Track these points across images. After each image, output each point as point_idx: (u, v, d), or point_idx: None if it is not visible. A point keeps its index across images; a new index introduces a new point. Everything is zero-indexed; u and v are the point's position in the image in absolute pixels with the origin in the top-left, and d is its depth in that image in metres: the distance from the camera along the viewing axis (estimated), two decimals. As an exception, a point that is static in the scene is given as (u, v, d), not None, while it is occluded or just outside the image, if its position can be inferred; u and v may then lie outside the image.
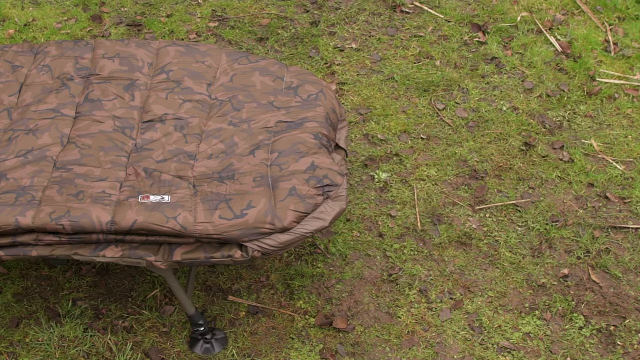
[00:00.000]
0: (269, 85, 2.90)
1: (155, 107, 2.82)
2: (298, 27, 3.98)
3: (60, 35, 3.91)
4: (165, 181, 2.57)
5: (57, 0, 4.13)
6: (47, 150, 2.68)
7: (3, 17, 4.02)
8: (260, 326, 2.77)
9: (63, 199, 2.48)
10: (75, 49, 3.03)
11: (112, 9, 4.09)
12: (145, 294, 2.86)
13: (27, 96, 2.88)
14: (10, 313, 2.79)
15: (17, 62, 3.00)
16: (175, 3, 4.13)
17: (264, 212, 2.43)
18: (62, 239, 2.44)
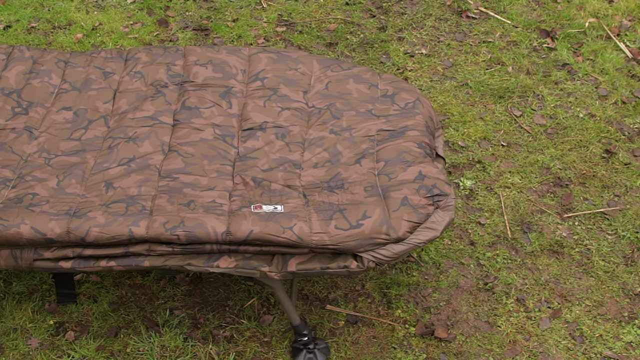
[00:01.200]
0: (365, 93, 2.89)
1: (254, 115, 2.80)
2: (366, 32, 3.96)
3: (128, 40, 3.88)
4: (275, 191, 2.55)
5: (122, 4, 4.10)
6: (149, 158, 2.66)
7: (69, 21, 3.98)
8: (361, 336, 2.75)
9: (175, 209, 2.46)
10: (165, 56, 3.01)
11: (177, 13, 4.07)
12: (242, 303, 2.84)
13: (122, 103, 2.86)
14: (108, 322, 2.77)
15: (108, 69, 2.98)
16: (240, 7, 4.10)
17: (379, 223, 2.41)
18: (175, 250, 2.42)
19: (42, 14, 4.02)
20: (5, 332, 2.73)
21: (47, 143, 2.73)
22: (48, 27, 3.96)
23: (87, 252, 2.43)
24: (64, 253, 2.44)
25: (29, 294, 2.85)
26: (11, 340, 2.70)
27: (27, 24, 3.96)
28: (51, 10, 4.05)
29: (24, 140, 2.73)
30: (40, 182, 2.58)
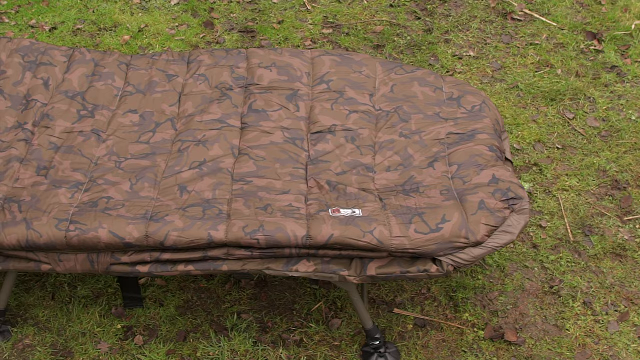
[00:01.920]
0: (430, 96, 2.88)
1: (322, 117, 2.79)
2: (412, 34, 3.95)
3: (175, 42, 3.86)
4: (351, 194, 2.54)
5: (165, 6, 4.08)
6: (220, 161, 2.65)
7: (114, 23, 3.96)
8: (430, 339, 2.74)
9: (252, 213, 2.45)
10: (228, 58, 2.99)
11: (221, 15, 4.05)
12: (308, 307, 2.83)
13: (188, 106, 2.85)
14: (176, 326, 2.75)
15: (171, 71, 2.96)
16: (284, 9, 4.09)
17: (459, 226, 2.41)
18: (253, 254, 2.41)
19: (87, 16, 4.00)
20: (73, 336, 2.71)
21: (116, 146, 2.71)
22: (94, 28, 3.94)
23: (164, 256, 2.42)
24: (142, 257, 2.43)
25: (94, 298, 2.83)
26: (80, 344, 2.69)
27: (73, 26, 3.94)
28: (95, 11, 4.03)
29: (92, 143, 2.72)
30: (113, 185, 2.56)
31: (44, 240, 2.39)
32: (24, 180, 2.59)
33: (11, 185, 2.57)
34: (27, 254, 2.44)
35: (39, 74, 2.92)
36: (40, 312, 2.78)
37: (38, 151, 2.69)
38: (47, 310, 2.79)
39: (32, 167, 2.63)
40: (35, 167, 2.64)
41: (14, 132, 2.75)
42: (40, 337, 2.71)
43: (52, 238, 2.38)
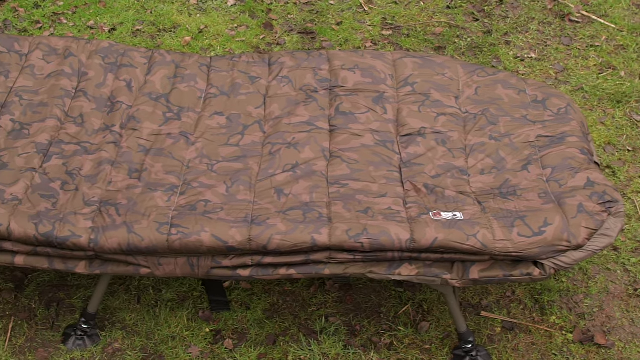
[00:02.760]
0: (515, 99, 2.87)
1: (411, 120, 2.78)
2: (472, 36, 3.95)
3: (236, 43, 3.85)
4: (450, 197, 2.53)
5: (223, 7, 4.06)
6: (313, 164, 2.64)
7: (173, 24, 3.95)
8: (520, 342, 2.74)
9: (353, 216, 2.44)
10: (310, 60, 2.98)
11: (279, 16, 4.04)
12: (395, 310, 2.82)
13: (274, 108, 2.83)
14: (264, 330, 2.74)
15: (253, 73, 2.95)
16: (342, 10, 4.08)
17: (561, 230, 2.40)
18: (356, 257, 2.40)
19: (145, 17, 3.98)
20: (163, 340, 2.69)
21: (206, 149, 2.70)
22: (153, 30, 3.92)
23: (266, 259, 2.41)
24: (243, 261, 2.42)
25: (180, 302, 2.82)
26: (170, 348, 2.67)
27: (132, 27, 3.92)
28: (154, 12, 4.01)
29: (181, 146, 2.70)
30: (209, 188, 2.55)
31: (146, 244, 2.37)
32: (117, 183, 2.57)
33: (105, 189, 2.55)
34: (127, 258, 2.42)
35: (121, 75, 2.91)
36: (127, 316, 2.76)
37: (128, 154, 2.67)
38: (133, 313, 2.77)
39: (123, 170, 2.62)
40: (127, 169, 2.62)
41: (102, 134, 2.73)
42: (130, 341, 2.69)
43: (154, 242, 2.37)
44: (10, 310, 2.76)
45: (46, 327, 2.72)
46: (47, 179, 2.56)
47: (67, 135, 2.71)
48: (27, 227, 2.38)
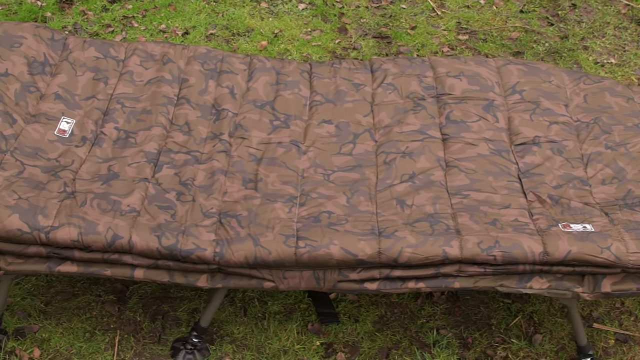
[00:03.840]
0: (625, 107, 2.82)
1: (524, 129, 2.72)
2: (550, 41, 3.90)
3: (312, 48, 3.78)
4: (576, 209, 2.48)
5: (294, 11, 4.00)
6: (430, 174, 2.58)
7: (247, 28, 3.88)
8: (636, 355, 2.69)
9: (482, 228, 2.38)
10: (413, 67, 2.93)
11: (352, 20, 3.98)
12: (506, 322, 2.77)
13: (383, 116, 2.78)
14: (376, 343, 2.68)
15: (357, 80, 2.89)
16: (414, 15, 4.03)
17: (694, 242, 2.35)
18: (486, 270, 2.34)
19: (217, 21, 3.91)
20: (274, 354, 2.63)
21: (318, 158, 2.64)
22: (227, 34, 3.85)
23: (395, 273, 2.35)
24: (371, 274, 2.36)
25: (287, 314, 2.75)
26: (283, 362, 2.61)
27: (205, 31, 3.85)
28: (225, 16, 3.94)
29: (293, 155, 2.64)
30: (329, 199, 2.49)
31: (273, 257, 2.31)
32: (233, 194, 2.51)
33: (221, 199, 2.48)
34: (251, 272, 2.36)
35: (223, 82, 2.84)
36: (235, 329, 2.70)
37: (240, 163, 2.61)
38: (241, 326, 2.71)
39: (237, 180, 2.55)
40: (241, 179, 2.56)
41: (210, 143, 2.66)
42: (241, 355, 2.62)
43: (281, 255, 2.31)
44: (114, 324, 2.69)
45: (153, 340, 2.65)
46: (161, 190, 2.50)
47: (175, 144, 2.65)
48: (149, 240, 2.31)
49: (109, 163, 2.58)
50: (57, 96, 2.74)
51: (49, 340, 2.63)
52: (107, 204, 2.41)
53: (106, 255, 2.34)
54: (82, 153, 2.60)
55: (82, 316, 2.71)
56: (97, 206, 2.39)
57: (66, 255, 2.35)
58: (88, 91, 2.78)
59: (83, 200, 2.40)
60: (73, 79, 2.80)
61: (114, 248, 2.31)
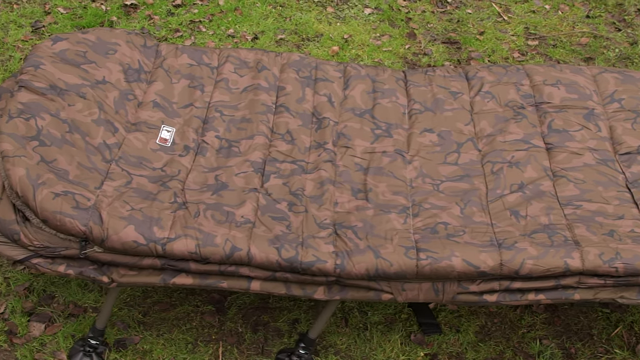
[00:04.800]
0: None
1: (627, 138, 2.71)
2: (619, 46, 3.89)
3: (383, 53, 3.76)
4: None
5: (360, 15, 3.98)
6: (539, 184, 2.56)
7: (316, 33, 3.85)
8: None
9: (600, 239, 2.36)
10: (509, 75, 2.91)
11: (419, 25, 3.95)
12: (607, 332, 2.75)
13: (484, 125, 2.75)
14: (480, 354, 2.66)
15: (454, 88, 2.87)
16: (481, 20, 4.01)
17: None
18: (607, 282, 2.32)
19: (286, 25, 3.88)
20: (380, 365, 2.61)
21: (424, 167, 2.62)
22: (296, 39, 3.82)
23: (515, 284, 2.32)
24: (491, 286, 2.34)
25: (388, 324, 2.73)
26: (391, 374, 2.59)
27: (274, 35, 3.82)
28: (292, 21, 3.91)
29: (399, 164, 2.61)
30: (443, 209, 2.46)
31: (395, 269, 2.28)
32: (344, 204, 2.48)
33: (333, 210, 2.46)
34: (369, 284, 2.33)
35: (320, 90, 2.82)
36: (337, 340, 2.67)
37: (347, 173, 2.58)
38: (344, 337, 2.68)
39: (347, 190, 2.53)
40: (350, 189, 2.53)
41: (315, 152, 2.63)
42: (346, 367, 2.60)
43: (402, 267, 2.28)
44: (216, 335, 2.66)
45: (256, 352, 2.63)
46: (272, 200, 2.47)
47: (279, 153, 2.62)
48: (268, 252, 2.28)
49: (215, 173, 2.54)
50: (155, 104, 2.70)
51: (151, 352, 2.60)
52: (221, 215, 2.37)
53: (223, 267, 2.31)
54: (187, 162, 2.57)
55: (182, 327, 2.68)
56: (211, 217, 2.36)
57: (181, 268, 2.32)
58: (185, 99, 2.75)
59: (196, 211, 2.37)
60: (169, 86, 2.77)
61: (232, 260, 2.28)
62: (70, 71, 2.62)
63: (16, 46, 3.70)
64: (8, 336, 2.62)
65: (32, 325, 2.66)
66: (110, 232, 2.25)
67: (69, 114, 2.52)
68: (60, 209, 2.24)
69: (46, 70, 2.58)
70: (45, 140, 2.39)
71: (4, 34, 3.77)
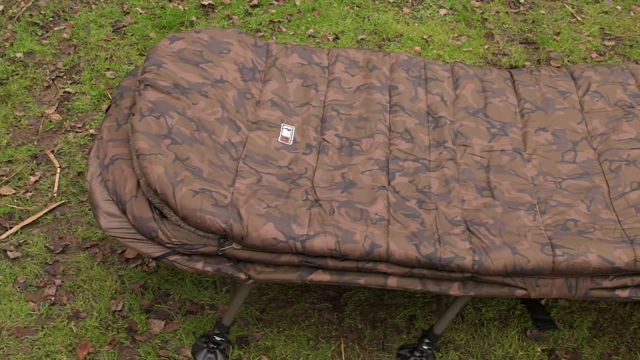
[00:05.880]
0: None
1: None
2: (693, 47, 3.94)
3: (464, 54, 3.80)
4: None
5: (435, 16, 4.01)
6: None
7: (395, 33, 3.88)
8: None
9: None
10: (614, 75, 2.95)
11: (495, 26, 3.99)
12: None
13: (596, 124, 2.79)
14: (596, 350, 2.70)
15: (562, 88, 2.91)
16: (555, 20, 4.05)
17: None
18: None
19: (365, 26, 3.91)
20: (500, 360, 2.65)
21: (544, 165, 2.65)
22: (377, 39, 3.85)
23: (648, 280, 2.37)
24: (623, 282, 2.37)
25: (503, 320, 2.76)
26: (510, 369, 2.62)
27: (354, 36, 3.85)
28: (371, 21, 3.94)
29: (519, 162, 2.65)
30: (570, 207, 2.50)
31: (532, 265, 2.31)
32: (472, 202, 2.51)
33: (461, 207, 2.49)
34: (504, 280, 2.36)
35: (432, 89, 2.85)
36: (455, 336, 2.70)
37: (469, 171, 2.61)
38: (461, 333, 2.71)
39: (471, 188, 2.56)
40: (474, 187, 2.56)
41: (435, 150, 2.66)
42: (467, 362, 2.64)
43: (539, 263, 2.31)
44: (336, 331, 2.69)
45: (377, 348, 2.66)
46: (401, 198, 2.50)
47: (400, 152, 2.65)
48: (407, 249, 2.31)
49: (341, 171, 2.57)
50: (272, 103, 2.73)
51: (273, 349, 2.63)
52: (355, 212, 2.40)
53: (360, 263, 2.33)
54: (312, 160, 2.60)
55: (301, 324, 2.70)
56: (345, 214, 2.39)
57: (319, 264, 2.34)
58: (300, 98, 2.78)
59: (331, 209, 2.39)
60: (283, 85, 2.80)
61: (371, 257, 2.31)
62: (190, 70, 2.64)
63: (100, 46, 3.72)
64: (129, 333, 2.64)
65: (152, 323, 2.68)
66: (250, 229, 2.27)
67: (194, 112, 2.54)
68: (200, 207, 2.26)
69: (168, 69, 2.60)
70: (176, 139, 2.41)
71: (86, 34, 3.79)
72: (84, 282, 2.79)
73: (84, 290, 2.76)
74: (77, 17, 3.89)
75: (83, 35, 3.78)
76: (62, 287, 2.77)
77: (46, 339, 2.61)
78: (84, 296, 2.74)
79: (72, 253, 2.89)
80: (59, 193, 3.09)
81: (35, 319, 2.66)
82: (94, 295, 2.75)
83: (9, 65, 3.60)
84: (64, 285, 2.77)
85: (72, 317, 2.68)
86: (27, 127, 3.34)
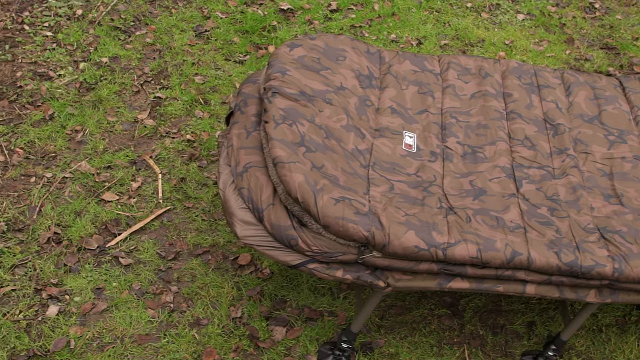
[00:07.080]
0: None
1: None
2: None
3: (546, 59, 3.82)
4: None
5: (514, 21, 4.03)
6: None
7: (477, 38, 3.90)
8: None
9: None
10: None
11: (573, 31, 4.01)
12: None
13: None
14: None
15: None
16: (632, 25, 4.07)
17: None
18: None
19: (446, 31, 3.93)
20: (623, 367, 2.66)
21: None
22: (459, 44, 3.87)
23: None
24: None
25: (620, 326, 2.78)
26: (634, 375, 2.64)
27: (437, 41, 3.86)
28: (452, 26, 3.95)
29: None
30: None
31: (671, 273, 2.33)
32: (601, 209, 2.53)
33: (591, 215, 2.50)
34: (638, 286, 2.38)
35: (546, 97, 2.86)
36: (575, 342, 2.72)
37: (593, 178, 2.63)
38: (580, 339, 2.73)
39: (598, 195, 2.57)
40: (601, 194, 2.58)
41: (558, 158, 2.68)
42: (590, 368, 2.65)
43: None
44: (458, 337, 2.70)
45: (500, 354, 2.67)
46: (532, 205, 2.51)
47: (523, 159, 2.66)
48: (548, 256, 2.32)
49: (468, 178, 2.58)
50: (392, 110, 2.73)
51: (397, 355, 2.63)
52: (491, 219, 2.41)
53: (500, 271, 2.34)
54: (438, 168, 2.60)
55: (422, 330, 2.71)
56: (482, 222, 2.40)
57: (458, 272, 2.35)
58: (418, 105, 2.79)
59: (467, 217, 2.40)
60: (400, 92, 2.80)
61: (512, 264, 2.32)
62: (313, 77, 2.65)
63: (185, 50, 3.72)
64: (252, 340, 2.64)
65: (274, 329, 2.68)
66: (392, 237, 2.27)
67: (322, 120, 2.54)
68: (342, 215, 2.26)
69: (293, 76, 2.61)
70: (310, 146, 2.42)
71: (169, 39, 3.79)
72: (201, 288, 2.79)
73: (201, 297, 2.76)
74: (157, 21, 3.88)
75: (166, 40, 3.77)
76: (179, 294, 2.77)
77: (170, 346, 2.61)
78: (203, 303, 2.74)
79: (184, 260, 2.89)
80: (164, 199, 3.09)
81: (156, 326, 2.67)
82: (213, 302, 2.75)
83: (96, 70, 3.59)
84: (181, 292, 2.77)
85: (193, 324, 2.68)
86: (122, 133, 3.34)
